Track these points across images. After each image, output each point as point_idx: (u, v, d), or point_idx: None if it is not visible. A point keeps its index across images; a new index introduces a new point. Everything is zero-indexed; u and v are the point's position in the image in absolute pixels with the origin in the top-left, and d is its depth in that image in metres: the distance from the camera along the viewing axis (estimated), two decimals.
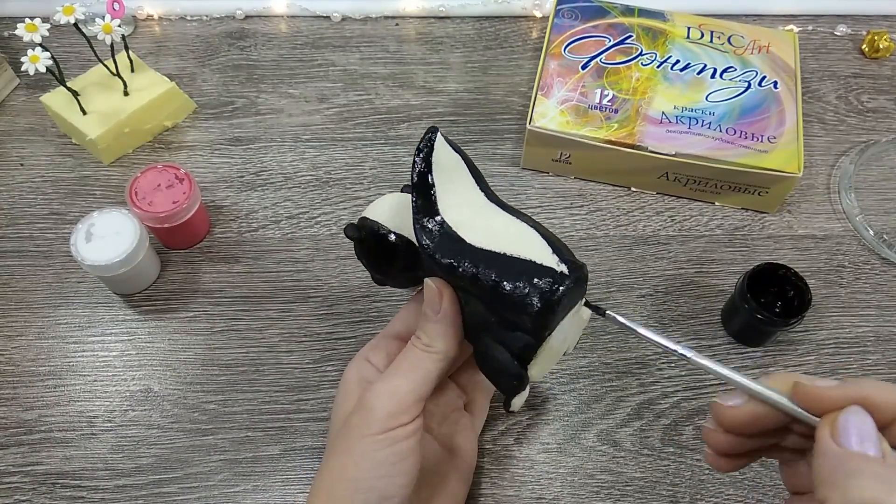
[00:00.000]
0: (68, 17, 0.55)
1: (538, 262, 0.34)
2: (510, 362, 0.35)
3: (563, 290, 0.33)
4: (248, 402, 0.50)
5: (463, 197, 0.37)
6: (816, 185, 0.62)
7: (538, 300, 0.33)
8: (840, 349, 0.53)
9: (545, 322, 0.34)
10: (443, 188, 0.36)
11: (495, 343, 0.36)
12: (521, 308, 0.33)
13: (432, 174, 0.36)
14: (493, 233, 0.36)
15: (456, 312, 0.37)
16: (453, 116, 0.65)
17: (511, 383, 0.36)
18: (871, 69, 0.70)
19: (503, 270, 0.34)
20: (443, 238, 0.36)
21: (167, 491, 0.46)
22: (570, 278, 0.34)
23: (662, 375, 0.51)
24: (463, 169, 0.38)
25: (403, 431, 0.35)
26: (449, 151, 0.37)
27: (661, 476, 0.48)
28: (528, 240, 0.36)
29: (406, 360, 0.37)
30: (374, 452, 0.35)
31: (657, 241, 0.58)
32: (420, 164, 0.36)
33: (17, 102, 0.65)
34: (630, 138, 0.57)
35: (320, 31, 0.71)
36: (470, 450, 0.44)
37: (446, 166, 0.37)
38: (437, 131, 0.36)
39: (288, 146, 0.62)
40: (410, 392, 0.36)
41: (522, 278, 0.34)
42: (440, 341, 0.37)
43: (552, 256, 0.35)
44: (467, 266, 0.35)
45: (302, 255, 0.56)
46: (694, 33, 0.63)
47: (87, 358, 0.51)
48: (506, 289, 0.34)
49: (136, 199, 0.52)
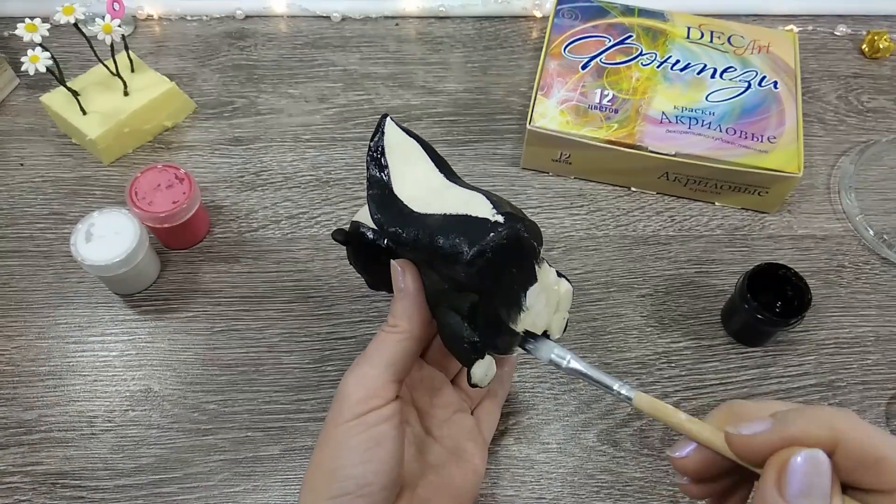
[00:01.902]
0: (68, 17, 0.55)
1: (473, 216, 0.34)
2: (460, 325, 0.35)
3: (493, 235, 0.33)
4: (248, 402, 0.50)
5: (419, 177, 0.38)
6: (816, 185, 0.62)
7: (468, 247, 0.33)
8: (840, 349, 0.53)
9: (480, 272, 0.33)
10: (397, 169, 0.37)
11: (448, 310, 0.35)
12: (454, 258, 0.33)
13: (385, 154, 0.37)
14: (441, 202, 0.36)
15: (418, 289, 0.37)
16: (453, 116, 0.65)
17: (463, 347, 0.35)
18: (871, 69, 0.70)
19: (441, 228, 0.34)
20: (393, 210, 0.36)
21: (167, 491, 0.46)
22: (504, 226, 0.33)
23: (662, 375, 0.51)
24: (420, 153, 0.39)
25: (376, 416, 0.35)
26: (401, 135, 0.38)
27: (661, 476, 0.48)
28: (473, 201, 0.35)
29: (373, 344, 0.37)
30: (348, 439, 0.35)
31: (657, 241, 0.58)
32: (373, 145, 0.37)
33: (17, 102, 0.65)
34: (630, 138, 0.57)
35: (320, 31, 0.71)
36: (477, 454, 0.43)
37: (400, 149, 0.38)
38: (386, 116, 0.38)
39: (288, 146, 0.62)
40: (378, 375, 0.36)
41: (455, 230, 0.34)
42: (404, 319, 0.37)
43: (491, 209, 0.34)
44: (410, 231, 0.35)
45: (302, 255, 0.56)
46: (694, 33, 0.63)
47: (87, 358, 0.51)
48: (439, 243, 0.34)
49: (136, 199, 0.52)
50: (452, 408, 0.44)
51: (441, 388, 0.44)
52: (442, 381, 0.44)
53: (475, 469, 0.42)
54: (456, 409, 0.44)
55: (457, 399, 0.44)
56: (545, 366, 0.39)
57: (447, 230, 0.34)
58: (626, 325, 0.54)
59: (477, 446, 0.43)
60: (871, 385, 0.52)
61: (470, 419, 0.44)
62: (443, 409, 0.44)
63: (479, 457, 0.43)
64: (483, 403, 0.45)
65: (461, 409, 0.44)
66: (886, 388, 0.51)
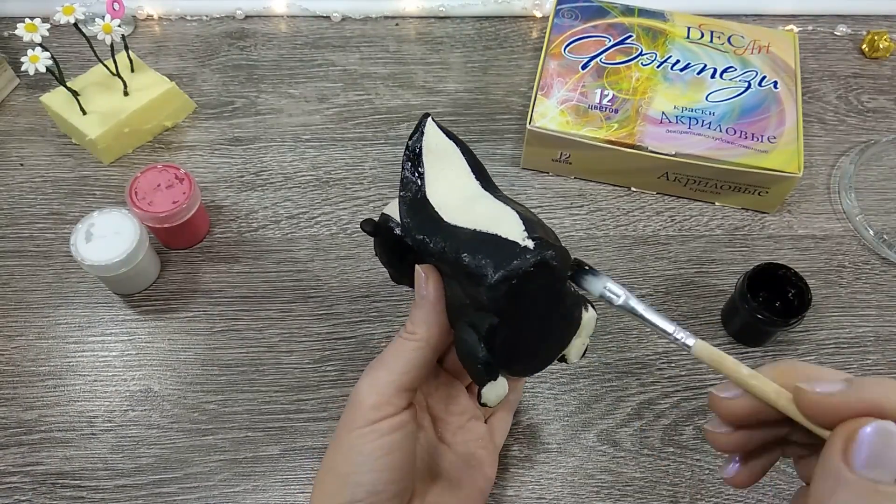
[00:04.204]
0: (68, 17, 0.55)
1: (503, 237, 0.33)
2: (476, 344, 0.34)
3: (519, 262, 0.32)
4: (248, 402, 0.50)
5: (454, 183, 0.37)
6: (816, 185, 0.62)
7: (493, 270, 0.32)
8: (840, 349, 0.53)
9: (503, 297, 0.32)
10: (433, 172, 0.36)
11: (467, 326, 0.34)
12: (478, 280, 0.32)
13: (422, 156, 0.36)
14: (473, 214, 0.35)
15: (439, 298, 0.36)
16: (453, 116, 0.65)
17: (476, 367, 0.34)
18: (871, 69, 0.70)
19: (468, 244, 0.33)
20: (422, 216, 0.36)
21: (167, 491, 0.46)
22: (532, 252, 0.32)
23: (662, 375, 0.51)
24: (458, 157, 0.38)
25: (389, 424, 0.35)
26: (441, 137, 0.37)
27: (661, 476, 0.48)
28: (505, 218, 0.34)
29: (389, 350, 0.37)
30: (360, 446, 0.35)
31: (657, 241, 0.58)
32: (411, 145, 0.36)
33: (17, 102, 0.65)
34: (630, 138, 0.57)
35: (320, 31, 0.71)
36: (488, 462, 0.42)
37: (438, 151, 0.37)
38: (428, 116, 0.37)
39: (288, 146, 0.62)
40: (391, 382, 0.35)
41: (483, 250, 0.33)
42: (422, 327, 0.36)
43: (522, 233, 0.33)
44: (437, 241, 0.34)
45: (302, 255, 0.56)
46: (694, 33, 0.63)
47: (87, 358, 0.51)
48: (465, 261, 0.33)
49: (136, 199, 0.52)
50: (467, 415, 0.43)
51: (457, 396, 0.43)
52: (458, 388, 0.44)
53: (486, 477, 0.42)
54: (470, 416, 0.43)
55: (472, 406, 0.44)
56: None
57: (475, 248, 0.33)
58: (626, 325, 0.54)
59: (489, 454, 0.43)
60: None
61: (483, 427, 0.44)
62: (458, 416, 0.43)
63: (490, 465, 0.42)
64: (496, 411, 0.45)
65: (476, 416, 0.44)
66: None
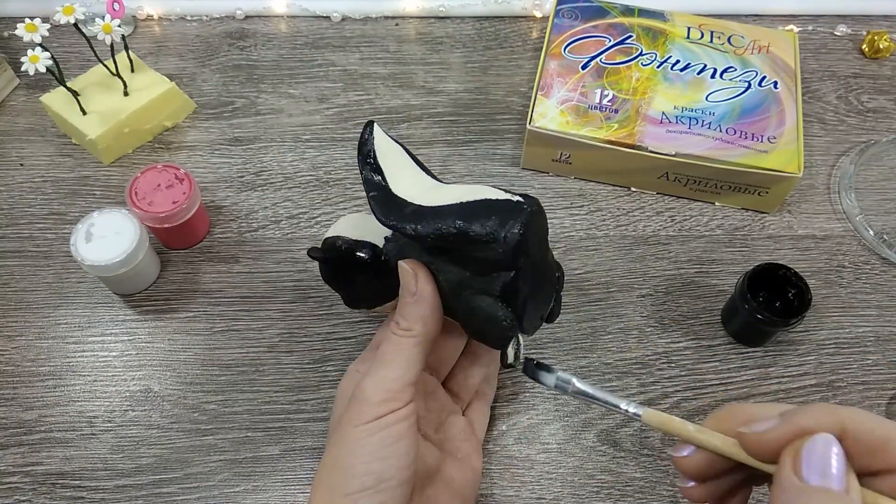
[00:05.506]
0: (68, 17, 0.55)
1: (493, 198, 0.35)
2: (494, 304, 0.35)
3: (529, 210, 0.34)
4: (248, 402, 0.50)
5: (413, 178, 0.39)
6: (816, 185, 0.62)
7: (501, 226, 0.33)
8: (840, 349, 0.53)
9: (518, 245, 0.34)
10: (391, 171, 0.38)
11: (476, 294, 0.36)
12: (490, 238, 0.34)
13: (377, 159, 0.38)
14: (446, 195, 0.36)
15: (433, 291, 0.37)
16: (453, 116, 0.65)
17: (501, 325, 0.36)
18: (871, 69, 0.70)
19: (463, 214, 0.35)
20: (400, 209, 0.37)
21: (167, 491, 0.46)
22: (528, 202, 0.34)
23: (662, 375, 0.51)
24: (406, 157, 0.40)
25: (395, 417, 0.35)
26: (388, 141, 0.39)
27: (661, 476, 0.48)
28: (480, 189, 0.36)
29: (389, 348, 0.37)
30: (366, 439, 0.35)
31: (657, 241, 0.58)
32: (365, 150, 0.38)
33: (17, 102, 0.65)
34: (630, 138, 0.57)
35: (320, 31, 0.71)
36: (473, 454, 0.43)
37: (389, 154, 0.39)
38: (373, 123, 0.39)
39: (288, 146, 0.62)
40: (397, 379, 0.36)
41: (481, 213, 0.34)
42: (419, 324, 0.37)
43: (505, 194, 0.35)
44: (428, 224, 0.35)
45: (302, 255, 0.56)
46: (694, 33, 0.63)
47: (87, 358, 0.51)
48: (473, 228, 0.34)
49: (136, 199, 0.52)
50: (446, 411, 0.44)
51: (434, 392, 0.44)
52: (434, 384, 0.45)
53: (474, 468, 0.43)
54: (449, 411, 0.44)
55: (449, 402, 0.45)
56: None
57: (471, 215, 0.34)
58: (626, 325, 0.54)
59: (472, 446, 0.44)
60: (871, 385, 0.52)
61: (462, 420, 0.45)
62: (437, 412, 0.44)
63: (475, 457, 0.43)
64: (473, 405, 0.46)
65: (454, 411, 0.45)
66: (886, 388, 0.51)
